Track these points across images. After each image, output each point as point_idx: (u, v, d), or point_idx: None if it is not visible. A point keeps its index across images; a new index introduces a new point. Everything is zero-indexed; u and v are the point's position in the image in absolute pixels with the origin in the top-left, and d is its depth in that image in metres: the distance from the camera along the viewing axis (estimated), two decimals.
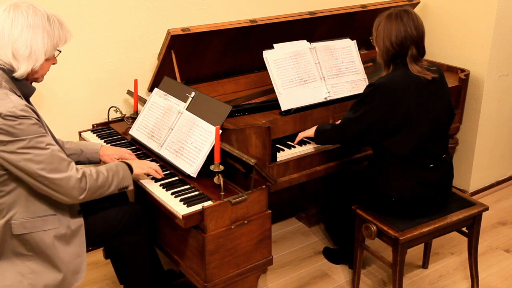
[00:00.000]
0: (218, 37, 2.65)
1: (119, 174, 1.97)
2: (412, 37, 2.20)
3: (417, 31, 2.22)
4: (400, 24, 2.20)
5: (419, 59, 2.26)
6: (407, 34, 2.20)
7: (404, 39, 2.20)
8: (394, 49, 2.22)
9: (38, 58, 1.80)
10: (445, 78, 2.35)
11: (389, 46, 2.23)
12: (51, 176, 1.74)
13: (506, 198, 3.53)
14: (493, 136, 3.44)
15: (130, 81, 2.81)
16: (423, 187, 2.29)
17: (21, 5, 1.79)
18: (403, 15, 2.22)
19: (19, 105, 1.70)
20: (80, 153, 2.23)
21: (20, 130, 1.69)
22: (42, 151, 1.73)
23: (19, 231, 1.83)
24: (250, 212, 2.05)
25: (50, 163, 1.74)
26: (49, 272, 1.87)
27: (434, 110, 2.25)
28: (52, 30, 1.82)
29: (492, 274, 2.76)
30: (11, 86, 1.79)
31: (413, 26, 2.21)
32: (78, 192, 1.81)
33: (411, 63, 2.22)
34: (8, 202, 1.81)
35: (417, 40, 2.22)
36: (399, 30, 2.20)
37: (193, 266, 2.09)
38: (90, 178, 1.85)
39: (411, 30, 2.20)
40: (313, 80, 2.67)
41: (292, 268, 2.83)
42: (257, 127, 2.28)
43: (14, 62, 1.77)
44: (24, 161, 1.70)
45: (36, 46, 1.78)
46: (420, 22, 2.24)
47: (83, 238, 1.96)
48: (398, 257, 2.27)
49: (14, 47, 1.76)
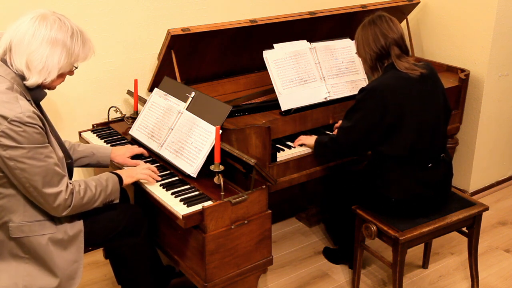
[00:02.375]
0: (218, 37, 2.65)
1: (107, 189, 1.98)
2: (390, 37, 2.24)
3: (393, 31, 2.25)
4: (375, 29, 2.26)
5: (404, 56, 2.28)
6: (384, 35, 2.24)
7: (383, 40, 2.24)
8: (375, 53, 2.26)
9: (51, 73, 1.79)
10: (437, 74, 2.35)
11: (369, 51, 2.28)
12: (42, 189, 1.75)
13: (506, 198, 3.52)
14: (493, 136, 3.44)
15: (130, 81, 2.81)
16: (422, 187, 2.29)
17: (48, 17, 1.78)
18: (376, 19, 2.28)
19: (27, 111, 1.69)
20: (91, 156, 2.24)
21: (23, 137, 1.68)
22: (39, 162, 1.72)
23: (16, 234, 1.82)
24: (250, 212, 2.05)
25: (44, 176, 1.74)
26: (44, 276, 1.87)
27: (428, 106, 2.26)
28: (73, 47, 1.81)
29: (492, 274, 2.76)
30: (22, 90, 1.79)
31: (387, 27, 2.25)
32: (62, 209, 1.82)
33: (397, 61, 2.25)
34: (7, 205, 1.81)
35: (396, 40, 2.25)
36: (375, 33, 2.25)
37: (193, 266, 2.09)
38: (76, 196, 1.85)
39: (387, 32, 2.24)
40: (313, 80, 2.67)
41: (292, 268, 2.83)
42: (257, 127, 2.28)
43: (26, 72, 1.77)
44: (19, 169, 1.70)
45: (51, 62, 1.77)
46: (395, 22, 2.28)
47: (81, 244, 1.95)
48: (398, 257, 2.27)
49: (29, 58, 1.75)
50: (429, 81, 2.28)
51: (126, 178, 2.09)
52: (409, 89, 2.21)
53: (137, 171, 2.15)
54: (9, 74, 1.77)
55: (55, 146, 1.85)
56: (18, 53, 1.75)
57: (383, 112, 2.19)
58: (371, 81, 2.29)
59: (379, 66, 2.30)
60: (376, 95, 2.20)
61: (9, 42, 1.76)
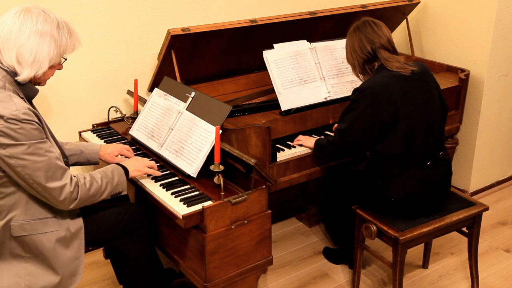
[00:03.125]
0: (218, 37, 2.65)
1: (113, 180, 1.97)
2: (376, 42, 2.26)
3: (378, 35, 2.27)
4: (359, 34, 2.29)
5: (393, 56, 2.29)
6: (369, 41, 2.27)
7: (369, 46, 2.26)
8: (362, 59, 2.29)
9: (42, 65, 1.79)
10: (430, 72, 2.36)
11: (356, 57, 2.31)
12: (46, 184, 1.74)
13: (506, 198, 3.52)
14: (493, 136, 3.44)
15: (130, 81, 2.81)
16: (422, 186, 2.29)
17: (32, 10, 1.78)
18: (360, 26, 2.31)
19: (22, 108, 1.70)
20: (79, 154, 2.23)
21: (21, 134, 1.68)
22: (39, 157, 1.72)
23: (19, 233, 1.82)
24: (250, 212, 2.05)
25: (46, 171, 1.74)
26: (46, 274, 1.87)
27: (423, 103, 2.26)
28: (60, 38, 1.81)
29: (492, 274, 2.76)
30: (15, 88, 1.78)
31: (372, 32, 2.28)
32: (68, 202, 1.81)
33: (387, 63, 2.26)
34: (8, 204, 1.81)
35: (382, 44, 2.27)
36: (360, 39, 2.29)
37: (193, 266, 2.09)
38: (82, 188, 1.85)
39: (372, 37, 2.27)
40: (313, 80, 2.67)
41: (292, 268, 2.83)
42: (257, 127, 2.28)
43: (17, 67, 1.77)
44: (21, 167, 1.70)
45: (41, 53, 1.77)
46: (379, 26, 2.30)
47: (82, 241, 1.95)
48: (398, 257, 2.27)
49: (19, 52, 1.75)
50: (422, 78, 2.29)
51: (132, 172, 2.09)
52: (401, 86, 2.22)
53: (143, 164, 2.15)
54: (0, 73, 1.77)
55: (52, 143, 1.85)
56: (7, 49, 1.75)
57: (377, 110, 2.20)
58: (363, 82, 2.30)
59: (369, 69, 2.33)
60: (369, 94, 2.21)
61: None
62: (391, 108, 2.20)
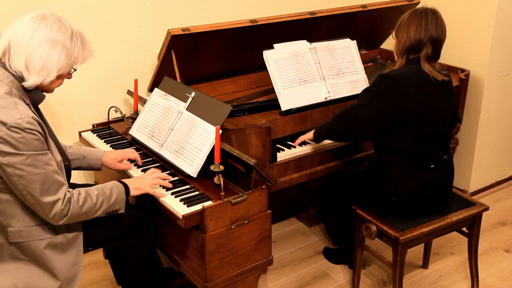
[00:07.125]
0: (218, 37, 2.65)
1: (111, 198, 1.92)
2: (431, 36, 2.20)
3: (437, 33, 2.21)
4: (422, 20, 2.20)
5: (432, 60, 2.25)
6: (427, 31, 2.19)
7: (423, 35, 2.19)
8: (410, 43, 2.22)
9: (50, 73, 1.77)
10: (453, 85, 2.35)
11: (406, 38, 2.22)
12: (39, 197, 1.72)
13: (506, 198, 3.53)
14: (493, 136, 3.44)
15: (130, 81, 2.81)
16: (423, 187, 2.29)
17: (48, 18, 1.77)
18: (428, 13, 2.23)
19: (26, 117, 1.67)
20: (82, 159, 2.21)
21: (22, 144, 1.66)
22: (37, 170, 1.69)
23: (16, 239, 1.81)
24: (250, 212, 2.05)
25: (42, 184, 1.71)
26: (45, 279, 1.85)
27: (438, 112, 2.25)
28: (72, 48, 1.79)
29: (492, 274, 2.76)
30: (21, 94, 1.77)
31: (434, 26, 2.20)
32: (58, 218, 1.78)
33: (423, 61, 2.22)
34: (5, 211, 1.79)
35: (435, 40, 2.21)
36: (420, 25, 2.20)
37: (193, 266, 2.09)
38: (74, 204, 1.80)
39: (432, 29, 2.20)
40: (313, 80, 2.67)
41: (292, 268, 2.83)
42: (257, 127, 2.28)
43: (25, 72, 1.75)
44: (17, 176, 1.68)
45: (50, 61, 1.76)
46: (443, 25, 2.24)
47: (80, 247, 1.94)
48: (398, 257, 2.27)
49: (29, 58, 1.73)
50: (446, 88, 2.28)
51: (133, 190, 2.02)
52: (425, 89, 2.20)
53: (145, 183, 2.06)
54: (8, 77, 1.75)
55: (53, 150, 1.83)
56: (17, 53, 1.74)
57: (392, 100, 2.18)
58: (392, 69, 2.26)
59: (406, 56, 2.26)
60: (392, 83, 2.19)
61: (8, 43, 1.74)
62: (408, 105, 2.18)
